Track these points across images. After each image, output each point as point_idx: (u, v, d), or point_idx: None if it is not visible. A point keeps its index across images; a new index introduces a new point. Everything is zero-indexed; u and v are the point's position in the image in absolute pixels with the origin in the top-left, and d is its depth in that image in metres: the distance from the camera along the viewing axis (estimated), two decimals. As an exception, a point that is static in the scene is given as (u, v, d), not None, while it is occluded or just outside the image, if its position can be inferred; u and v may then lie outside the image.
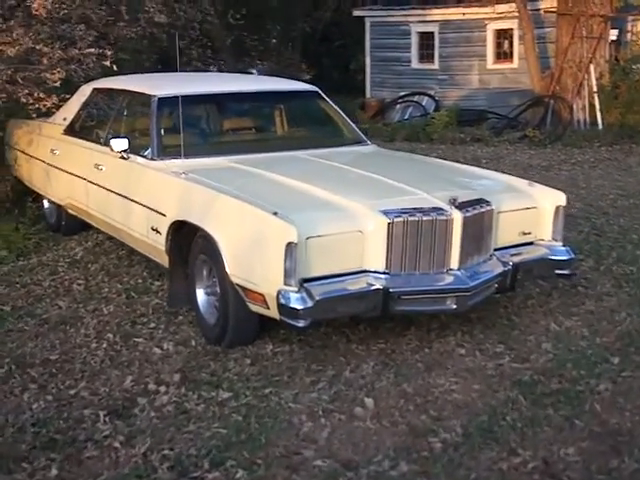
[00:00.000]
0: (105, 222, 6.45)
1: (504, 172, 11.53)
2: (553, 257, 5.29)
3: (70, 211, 7.24)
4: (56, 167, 7.22)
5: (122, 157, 5.96)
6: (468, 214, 4.77)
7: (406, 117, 17.78)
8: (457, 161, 12.94)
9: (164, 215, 5.39)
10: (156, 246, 5.53)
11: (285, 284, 4.38)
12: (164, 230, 5.35)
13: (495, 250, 5.12)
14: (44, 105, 6.77)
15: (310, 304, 4.36)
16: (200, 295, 5.24)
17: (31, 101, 6.82)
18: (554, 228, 5.35)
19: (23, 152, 8.12)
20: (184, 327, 5.38)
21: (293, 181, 5.16)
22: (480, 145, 14.59)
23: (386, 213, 4.63)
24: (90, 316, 5.57)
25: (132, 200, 5.84)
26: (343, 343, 4.99)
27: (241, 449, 3.67)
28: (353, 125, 6.74)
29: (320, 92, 6.80)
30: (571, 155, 12.99)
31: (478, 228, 4.90)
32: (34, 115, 7.51)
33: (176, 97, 6.02)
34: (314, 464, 3.55)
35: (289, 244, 4.34)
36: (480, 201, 4.97)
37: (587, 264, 6.66)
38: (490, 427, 3.86)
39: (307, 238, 4.44)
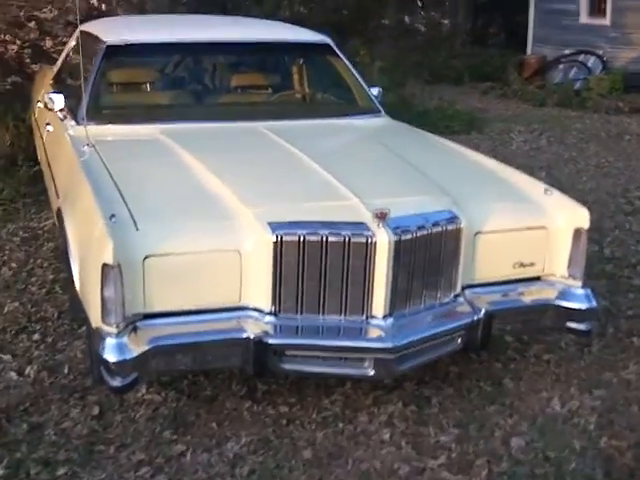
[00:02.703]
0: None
1: (632, 154, 9.55)
2: (562, 303, 3.56)
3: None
4: (36, 122, 6.19)
5: (60, 118, 4.81)
6: (405, 236, 3.19)
7: (568, 79, 15.53)
8: (596, 135, 11.07)
9: (58, 197, 4.19)
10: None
11: (103, 322, 3.04)
12: (56, 217, 4.15)
13: (469, 287, 3.51)
14: (12, 49, 5.67)
15: (132, 355, 3.00)
16: (88, 307, 4.00)
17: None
18: (571, 259, 3.60)
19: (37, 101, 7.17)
20: (78, 343, 4.18)
21: (201, 167, 3.74)
22: (638, 117, 12.29)
23: (274, 227, 3.15)
24: (-18, 315, 4.49)
25: (51, 174, 4.69)
26: (237, 398, 3.58)
27: None
28: (367, 90, 5.14)
29: (331, 45, 5.22)
30: None
31: (428, 256, 3.30)
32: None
33: (125, 45, 4.79)
34: None
35: (105, 266, 2.98)
36: (439, 215, 3.35)
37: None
38: None
39: (146, 257, 3.06)
